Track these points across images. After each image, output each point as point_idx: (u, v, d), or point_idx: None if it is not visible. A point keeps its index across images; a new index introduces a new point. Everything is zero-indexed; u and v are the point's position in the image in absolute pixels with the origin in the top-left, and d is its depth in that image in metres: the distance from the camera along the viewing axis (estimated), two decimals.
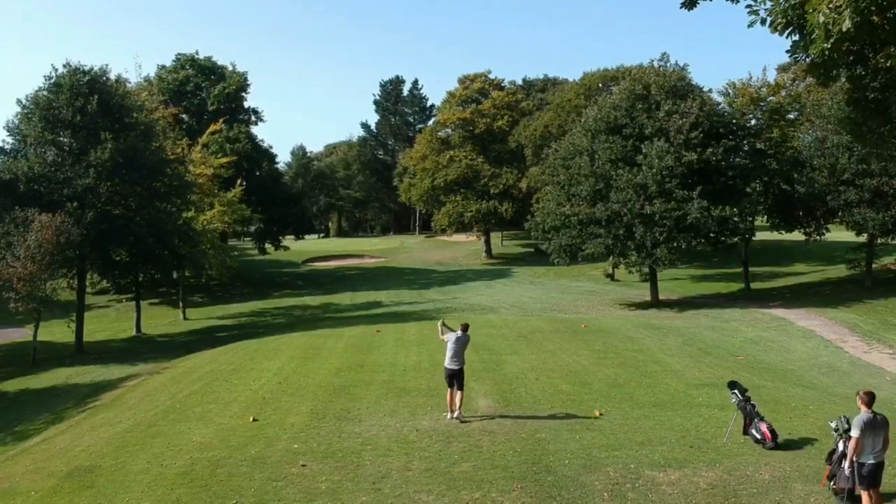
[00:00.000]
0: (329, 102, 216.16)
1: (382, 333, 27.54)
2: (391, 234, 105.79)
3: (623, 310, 37.23)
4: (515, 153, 66.31)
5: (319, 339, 26.50)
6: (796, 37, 8.35)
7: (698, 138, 33.49)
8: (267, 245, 61.98)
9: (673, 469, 11.75)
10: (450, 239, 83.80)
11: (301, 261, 73.81)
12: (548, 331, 27.71)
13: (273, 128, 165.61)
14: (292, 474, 11.79)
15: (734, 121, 36.77)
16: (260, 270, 67.06)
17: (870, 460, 9.31)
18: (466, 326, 15.47)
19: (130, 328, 40.16)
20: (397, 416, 15.51)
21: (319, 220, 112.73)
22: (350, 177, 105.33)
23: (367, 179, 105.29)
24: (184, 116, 60.30)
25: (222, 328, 39.57)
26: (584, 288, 47.52)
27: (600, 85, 57.47)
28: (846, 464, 9.46)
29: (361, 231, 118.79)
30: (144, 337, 38.70)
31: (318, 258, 76.38)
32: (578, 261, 39.01)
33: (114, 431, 15.60)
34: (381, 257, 76.50)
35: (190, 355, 27.34)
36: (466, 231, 74.31)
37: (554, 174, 38.56)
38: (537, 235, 39.97)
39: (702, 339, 25.99)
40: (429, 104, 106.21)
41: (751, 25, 7.94)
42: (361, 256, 77.77)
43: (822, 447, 12.70)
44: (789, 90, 41.13)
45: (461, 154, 69.88)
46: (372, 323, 34.34)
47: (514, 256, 73.59)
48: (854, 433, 9.31)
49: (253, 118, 63.57)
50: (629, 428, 14.36)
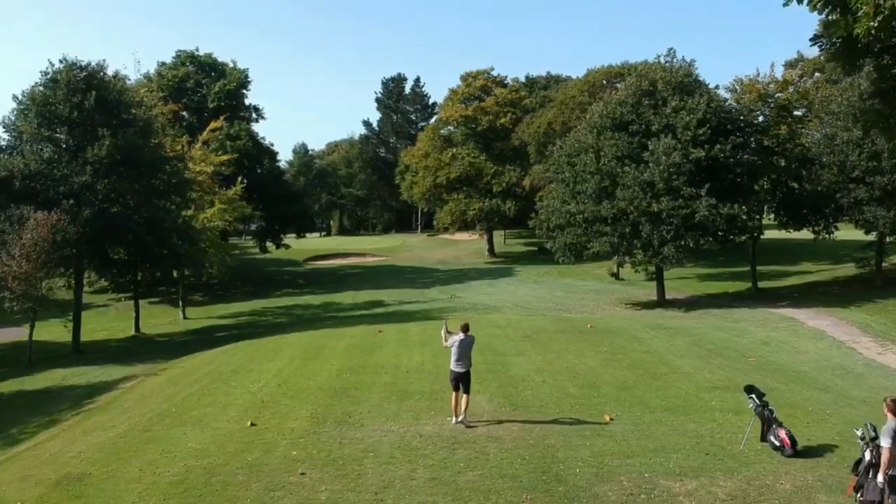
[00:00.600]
0: (331, 100, 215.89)
1: (384, 334, 27.03)
2: (393, 233, 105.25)
3: (629, 309, 36.67)
4: (518, 151, 65.71)
5: (320, 340, 25.99)
6: (834, 16, 7.84)
7: (706, 135, 32.90)
8: (268, 243, 61.39)
9: (689, 478, 11.20)
10: (452, 237, 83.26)
11: (302, 259, 73.35)
12: (553, 331, 27.19)
13: (275, 126, 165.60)
14: (291, 483, 11.27)
15: (742, 117, 36.17)
16: (261, 269, 66.62)
17: None
18: (467, 327, 14.86)
19: (129, 327, 39.68)
20: (400, 421, 14.99)
21: (321, 219, 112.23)
22: (352, 175, 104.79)
23: (369, 177, 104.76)
24: (184, 114, 59.84)
25: (222, 328, 39.07)
26: (589, 287, 46.97)
27: (604, 82, 56.89)
28: (879, 476, 8.90)
29: (363, 229, 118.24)
30: (143, 337, 38.21)
31: (320, 257, 75.93)
32: (584, 259, 38.46)
33: (107, 437, 15.09)
34: (383, 256, 76.00)
35: (188, 356, 26.84)
36: (469, 229, 73.78)
37: (558, 171, 37.99)
38: (541, 234, 39.42)
39: (711, 340, 25.44)
40: (431, 102, 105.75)
41: (786, 4, 7.44)
42: (363, 255, 77.29)
43: (845, 455, 12.17)
44: (797, 87, 40.55)
45: (463, 152, 69.31)
46: (374, 323, 33.84)
47: (517, 255, 73.01)
48: (885, 443, 8.76)
49: (254, 115, 63.13)
50: (641, 434, 13.83)
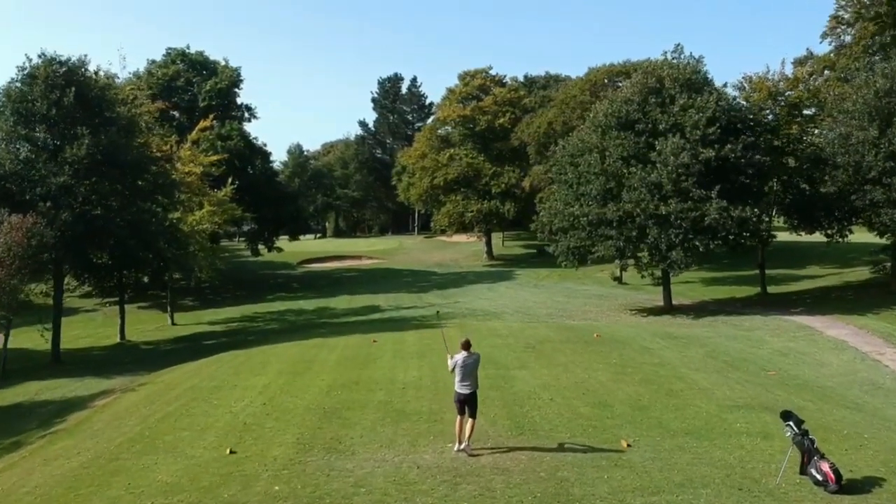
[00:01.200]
0: (326, 100, 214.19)
1: (379, 344, 25.54)
2: (389, 235, 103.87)
3: (635, 316, 35.24)
4: (518, 151, 64.26)
5: (311, 351, 24.49)
6: None
7: (715, 134, 31.50)
8: (260, 247, 59.71)
9: None
10: (449, 240, 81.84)
11: (296, 262, 71.88)
12: (557, 341, 25.74)
13: (270, 126, 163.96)
14: None
15: (751, 116, 34.74)
16: (254, 272, 65.06)
17: None
18: (468, 344, 13.40)
19: (115, 334, 38.10)
20: (395, 448, 13.54)
21: (316, 220, 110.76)
22: (347, 176, 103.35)
23: (365, 178, 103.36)
24: (174, 113, 58.35)
25: (211, 335, 37.56)
26: (592, 292, 45.51)
27: (606, 81, 55.49)
28: None
29: (359, 231, 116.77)
30: (128, 344, 36.67)
31: (315, 259, 74.49)
32: (587, 264, 37.01)
33: (69, 466, 13.58)
34: (379, 258, 74.55)
35: (171, 368, 25.34)
36: (467, 232, 72.37)
37: (561, 172, 36.54)
38: (543, 237, 38.00)
39: (725, 351, 24.00)
40: (428, 102, 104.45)
41: None
42: (359, 257, 75.85)
43: (893, 489, 10.79)
44: (807, 84, 39.22)
45: (461, 152, 67.91)
46: (369, 330, 32.37)
47: (516, 258, 71.60)
48: None
49: (246, 115, 61.60)
50: (664, 464, 12.38)
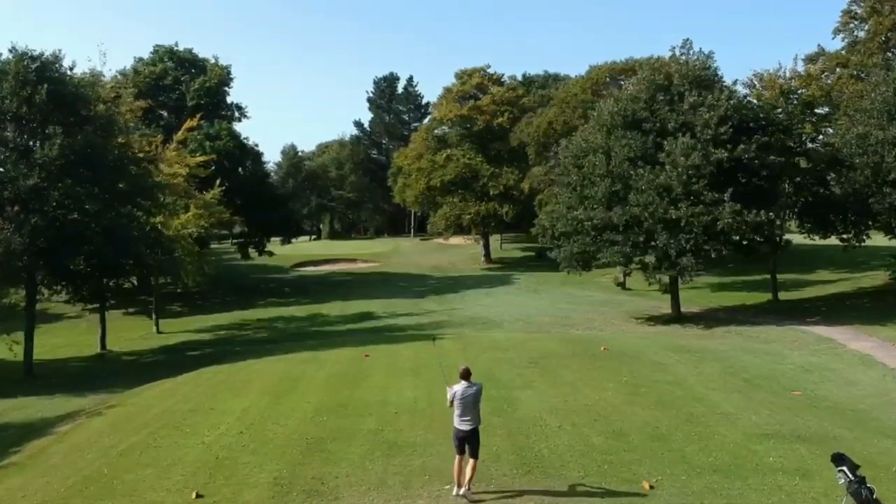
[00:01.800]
0: (321, 100, 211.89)
1: (372, 359, 23.80)
2: (385, 237, 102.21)
3: (642, 325, 33.56)
4: (517, 152, 62.53)
5: (298, 367, 22.74)
6: None
7: (728, 134, 29.83)
8: (251, 250, 57.81)
9: None
10: (446, 242, 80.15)
11: (289, 265, 70.14)
12: (562, 354, 24.06)
13: (264, 126, 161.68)
14: None
15: (764, 115, 33.05)
16: (245, 276, 63.26)
17: None
18: (467, 373, 11.65)
19: (97, 343, 36.31)
20: (386, 490, 11.85)
21: (311, 222, 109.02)
22: (342, 177, 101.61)
23: (360, 180, 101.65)
24: (163, 112, 56.57)
25: (196, 345, 35.78)
26: (594, 298, 43.78)
27: (608, 79, 53.87)
28: None
29: (355, 233, 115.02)
30: (109, 355, 34.86)
31: (308, 262, 72.80)
32: (591, 270, 35.26)
33: None
34: (374, 262, 72.84)
35: (147, 385, 23.52)
36: (464, 234, 70.66)
37: (564, 174, 34.82)
38: (545, 241, 36.28)
39: (744, 367, 22.30)
40: (424, 102, 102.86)
41: None
42: (353, 260, 74.14)
43: None
44: (819, 82, 37.57)
45: (459, 153, 66.25)
46: (361, 340, 30.70)
47: (515, 261, 69.92)
48: None
49: (236, 114, 59.72)
50: None
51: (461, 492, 11.33)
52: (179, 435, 15.72)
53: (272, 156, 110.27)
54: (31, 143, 27.34)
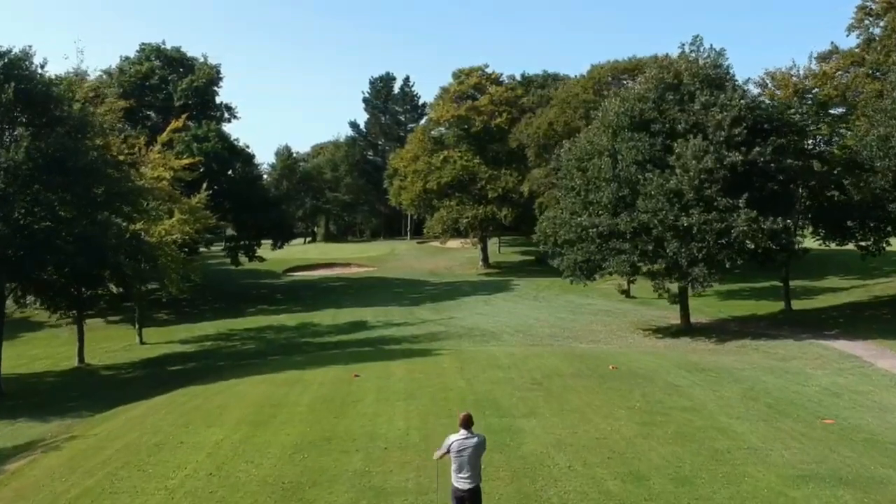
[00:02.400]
0: (316, 101, 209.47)
1: (362, 379, 22.01)
2: (381, 239, 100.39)
3: (649, 337, 31.78)
4: (516, 153, 60.68)
5: (281, 390, 20.91)
6: None
7: (742, 135, 28.08)
8: (241, 256, 55.83)
9: None
10: (443, 245, 78.36)
11: (282, 270, 68.31)
12: (568, 374, 22.31)
13: (257, 127, 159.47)
14: None
15: (779, 115, 31.27)
16: (236, 281, 61.39)
17: None
18: (468, 420, 9.80)
19: (76, 355, 34.47)
20: None
21: (306, 224, 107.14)
22: (338, 178, 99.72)
23: (356, 181, 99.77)
24: (150, 113, 54.71)
25: (179, 358, 33.91)
26: (597, 307, 41.98)
27: (610, 78, 52.11)
28: None
29: (351, 235, 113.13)
30: (87, 369, 32.99)
31: (301, 267, 70.94)
32: (595, 280, 33.44)
33: None
34: (370, 266, 71.03)
35: (117, 409, 21.67)
36: (461, 237, 68.85)
37: (566, 177, 32.99)
38: (546, 248, 34.46)
39: (765, 389, 20.51)
40: (421, 102, 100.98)
41: None
42: (348, 265, 72.33)
43: None
44: (834, 81, 35.84)
45: (456, 155, 64.46)
46: (353, 354, 28.98)
47: (514, 265, 68.12)
48: None
49: (226, 115, 57.73)
50: None
51: None
52: (141, 477, 13.92)
53: (267, 157, 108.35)
54: None
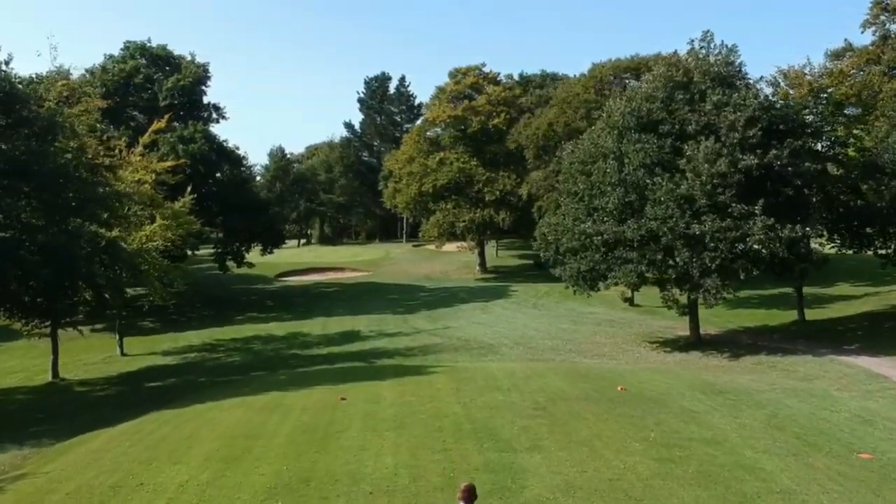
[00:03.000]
0: (311, 101, 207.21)
1: (348, 403, 20.17)
2: (377, 242, 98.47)
3: (657, 351, 29.98)
4: (514, 155, 58.80)
5: (258, 417, 19.04)
6: None
7: (756, 137, 26.30)
8: (229, 261, 53.78)
9: None
10: (439, 249, 76.53)
11: (274, 275, 66.44)
12: (573, 397, 20.52)
13: (250, 128, 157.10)
14: None
15: (795, 116, 29.49)
16: (226, 287, 59.44)
17: None
18: (470, 494, 8.09)
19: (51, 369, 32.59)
20: None
21: (300, 227, 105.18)
22: (332, 180, 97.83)
23: (351, 183, 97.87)
24: (135, 113, 52.75)
25: (158, 372, 32.05)
26: (600, 316, 40.14)
27: (612, 77, 50.32)
28: None
29: (346, 237, 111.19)
30: (61, 384, 31.11)
31: (294, 272, 69.14)
32: (599, 290, 31.59)
33: None
34: (364, 270, 69.15)
35: (78, 438, 19.79)
36: (458, 240, 66.98)
37: (569, 181, 31.17)
38: (547, 256, 32.62)
39: (791, 416, 18.70)
40: (417, 102, 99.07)
41: None
42: (342, 269, 70.49)
43: None
44: (850, 80, 34.07)
45: (452, 156, 62.62)
46: (339, 373, 27.16)
47: (512, 270, 66.32)
48: None
49: (214, 115, 55.68)
50: None
51: None
52: None
53: (259, 158, 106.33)
54: None
